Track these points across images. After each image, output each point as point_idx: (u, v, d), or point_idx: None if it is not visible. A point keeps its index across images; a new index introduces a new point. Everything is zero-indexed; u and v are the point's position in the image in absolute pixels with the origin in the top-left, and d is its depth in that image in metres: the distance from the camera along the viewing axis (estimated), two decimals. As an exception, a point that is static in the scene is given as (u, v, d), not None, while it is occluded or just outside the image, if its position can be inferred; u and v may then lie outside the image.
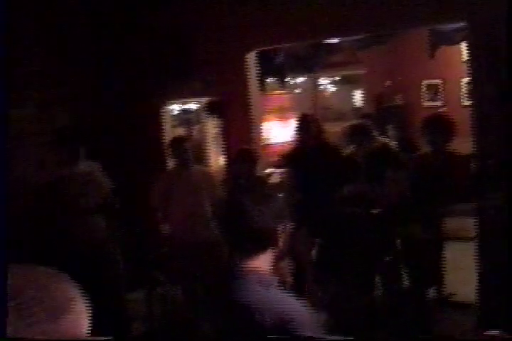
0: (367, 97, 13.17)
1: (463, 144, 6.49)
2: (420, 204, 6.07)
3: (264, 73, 9.41)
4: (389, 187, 6.42)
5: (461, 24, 6.74)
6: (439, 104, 12.68)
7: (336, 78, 12.86)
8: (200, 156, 9.62)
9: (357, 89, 13.38)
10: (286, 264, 3.29)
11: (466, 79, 10.11)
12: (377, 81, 13.11)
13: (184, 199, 6.86)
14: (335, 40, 9.41)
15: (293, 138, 7.62)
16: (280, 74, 10.03)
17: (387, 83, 13.18)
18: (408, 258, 6.30)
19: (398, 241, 6.32)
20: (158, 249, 7.20)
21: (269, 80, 10.30)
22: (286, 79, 10.78)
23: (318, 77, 12.48)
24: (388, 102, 13.02)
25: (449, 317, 6.83)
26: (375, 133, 7.60)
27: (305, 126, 7.15)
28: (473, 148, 6.14)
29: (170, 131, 9.00)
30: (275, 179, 9.55)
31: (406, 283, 6.52)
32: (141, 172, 8.16)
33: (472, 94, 6.42)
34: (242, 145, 7.24)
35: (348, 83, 13.30)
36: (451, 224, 7.03)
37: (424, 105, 12.83)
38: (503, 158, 5.48)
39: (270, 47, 8.74)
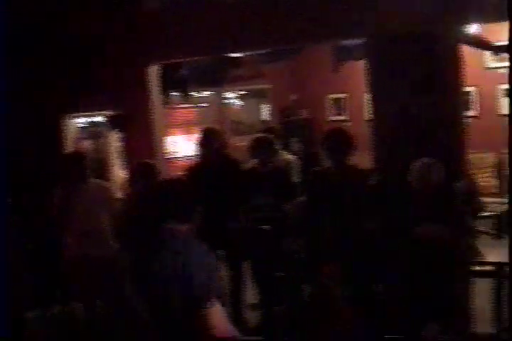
0: (273, 111, 13.22)
1: (365, 158, 6.57)
2: (320, 216, 6.10)
3: (168, 87, 9.34)
4: (291, 201, 6.46)
5: (364, 40, 6.84)
6: (343, 118, 12.83)
7: (243, 92, 12.86)
8: (102, 170, 9.48)
9: (263, 103, 13.41)
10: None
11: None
12: (284, 95, 13.19)
13: (80, 214, 6.77)
14: (240, 54, 9.41)
15: (197, 152, 7.57)
16: (185, 88, 9.99)
17: (293, 97, 13.26)
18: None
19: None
20: (56, 265, 7.05)
21: (173, 94, 10.23)
22: (192, 93, 10.74)
23: (224, 91, 12.45)
24: (294, 116, 13.10)
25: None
26: (278, 146, 7.61)
27: (207, 139, 7.10)
28: (374, 162, 6.24)
29: (75, 144, 8.86)
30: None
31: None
32: (43, 185, 7.98)
33: (372, 108, 6.51)
34: (143, 159, 7.14)
35: (254, 97, 13.32)
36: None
37: (329, 119, 12.97)
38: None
39: (174, 61, 8.69)
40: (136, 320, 3.99)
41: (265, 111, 13.42)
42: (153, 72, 8.17)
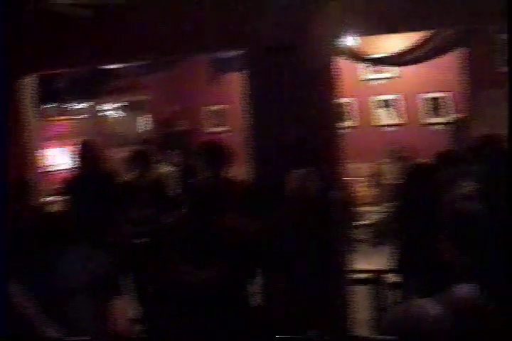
0: (152, 123, 13.12)
1: (245, 168, 6.60)
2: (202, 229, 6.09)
3: (42, 99, 9.14)
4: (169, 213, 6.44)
5: (242, 52, 6.87)
6: (222, 129, 12.87)
7: (120, 104, 12.71)
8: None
9: (142, 114, 13.29)
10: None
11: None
12: (162, 106, 13.12)
13: None
14: (116, 66, 9.30)
15: (73, 165, 7.44)
16: (60, 99, 9.78)
17: (172, 108, 13.21)
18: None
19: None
20: None
21: (49, 106, 10.01)
22: (67, 105, 10.54)
23: (102, 103, 12.26)
24: (173, 127, 13.04)
25: None
26: (155, 158, 7.56)
27: (84, 152, 7.00)
28: (252, 173, 6.27)
29: None
30: (57, 207, 9.26)
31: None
32: None
33: (249, 119, 6.54)
34: (18, 173, 6.94)
35: (132, 109, 13.18)
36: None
37: (207, 131, 12.98)
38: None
39: (49, 72, 8.50)
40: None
41: (144, 123, 13.30)
42: (27, 83, 7.95)
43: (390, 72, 11.56)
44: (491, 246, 1.61)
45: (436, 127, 11.30)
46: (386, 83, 11.72)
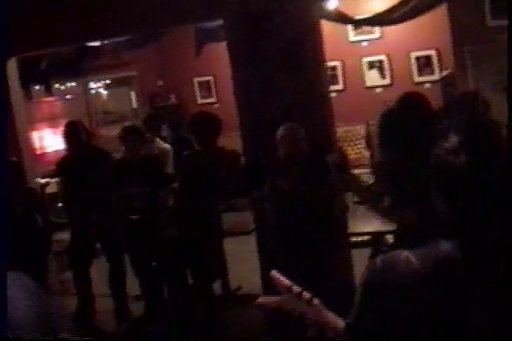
0: (141, 98, 13.04)
1: (235, 139, 6.57)
2: (193, 201, 6.08)
3: (29, 80, 9.06)
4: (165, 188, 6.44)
5: (225, 20, 6.78)
6: (212, 100, 12.82)
7: (108, 81, 12.61)
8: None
9: (130, 90, 13.21)
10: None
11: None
12: (150, 81, 13.04)
13: None
14: (99, 43, 9.20)
15: (64, 146, 7.40)
16: (46, 80, 9.68)
17: (160, 83, 13.14)
18: (186, 257, 6.27)
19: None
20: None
21: (36, 87, 9.93)
22: (55, 86, 10.45)
23: (88, 82, 12.17)
24: (162, 102, 12.98)
25: (238, 310, 6.93)
26: (148, 134, 7.51)
27: (72, 133, 6.96)
28: (243, 143, 6.23)
29: None
30: (52, 189, 9.26)
31: (190, 281, 6.51)
32: None
33: (236, 90, 6.48)
34: (9, 156, 6.89)
35: (120, 85, 13.09)
36: (230, 218, 7.13)
37: (198, 103, 12.93)
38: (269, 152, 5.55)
39: (32, 53, 8.40)
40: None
41: (133, 99, 13.22)
42: (12, 65, 7.87)
43: (379, 32, 11.48)
44: (480, 201, 1.60)
45: (429, 85, 11.25)
46: (375, 44, 11.64)
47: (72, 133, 6.99)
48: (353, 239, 6.25)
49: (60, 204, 8.41)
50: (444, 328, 1.64)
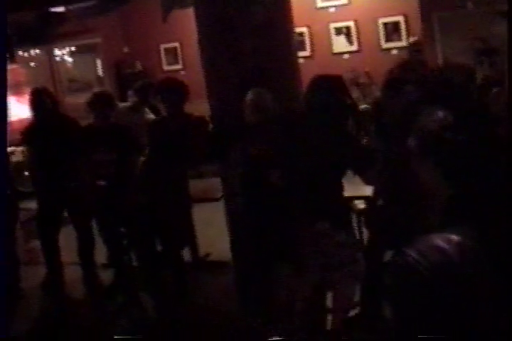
0: (106, 65, 12.90)
1: (202, 106, 6.53)
2: (161, 168, 6.05)
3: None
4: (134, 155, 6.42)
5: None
6: (178, 67, 12.72)
7: (72, 48, 12.44)
8: None
9: (96, 58, 13.05)
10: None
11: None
12: (115, 48, 12.89)
13: None
14: (63, 9, 9.06)
15: (29, 114, 7.31)
16: (10, 47, 9.53)
17: (125, 50, 12.99)
18: (155, 223, 6.25)
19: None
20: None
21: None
22: (18, 53, 10.30)
23: (53, 49, 12.00)
24: (128, 69, 12.86)
25: (207, 276, 6.96)
26: (116, 100, 7.45)
27: (37, 100, 6.88)
28: (211, 110, 6.19)
29: None
30: (17, 157, 9.18)
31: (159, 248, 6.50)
32: None
33: (203, 56, 6.42)
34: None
35: (85, 52, 12.93)
36: (199, 185, 7.12)
37: (164, 69, 12.83)
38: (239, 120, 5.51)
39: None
40: None
41: (98, 67, 13.08)
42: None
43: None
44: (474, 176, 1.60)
45: (396, 51, 11.24)
46: (342, 9, 11.59)
47: (37, 101, 6.90)
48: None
49: (26, 173, 8.33)
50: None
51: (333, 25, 11.69)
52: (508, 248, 1.68)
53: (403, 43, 11.13)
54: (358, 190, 5.81)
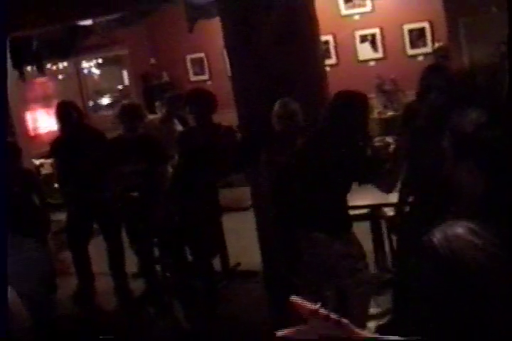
0: (133, 77, 12.99)
1: (230, 115, 6.57)
2: (190, 178, 6.08)
3: (21, 60, 9.01)
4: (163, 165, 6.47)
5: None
6: (205, 77, 12.78)
7: (99, 61, 12.56)
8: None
9: (122, 69, 13.16)
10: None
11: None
12: (142, 60, 12.98)
13: None
14: (90, 22, 9.14)
15: (56, 127, 7.40)
16: (38, 60, 9.63)
17: (152, 61, 13.08)
18: (185, 233, 6.28)
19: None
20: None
21: (28, 68, 9.89)
22: (47, 66, 10.40)
23: (80, 61, 12.12)
24: (155, 80, 12.95)
25: (238, 286, 6.97)
26: (145, 112, 7.52)
27: (64, 113, 6.97)
28: (238, 119, 6.23)
29: None
30: (46, 170, 9.26)
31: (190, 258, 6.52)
32: None
33: (230, 66, 6.46)
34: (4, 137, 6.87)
35: (112, 64, 13.05)
36: (228, 194, 7.14)
37: (191, 79, 12.89)
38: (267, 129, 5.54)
39: (23, 33, 8.35)
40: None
41: (125, 78, 13.18)
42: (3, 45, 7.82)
43: (370, 5, 11.45)
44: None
45: (421, 58, 11.21)
46: (367, 17, 11.58)
47: (63, 114, 6.99)
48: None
49: (56, 185, 8.40)
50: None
51: (358, 33, 11.69)
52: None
53: (428, 49, 11.11)
54: (385, 197, 5.81)
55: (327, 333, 1.71)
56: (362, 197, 5.90)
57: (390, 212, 6.21)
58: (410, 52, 11.48)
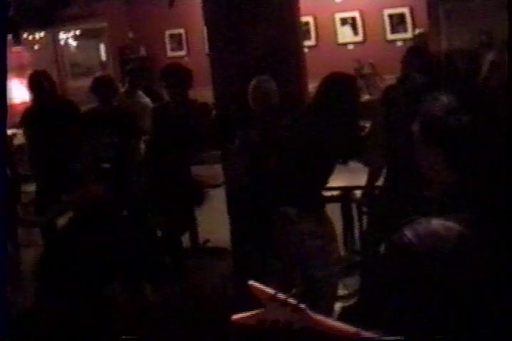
0: (110, 51, 12.88)
1: (206, 92, 6.53)
2: (163, 154, 6.06)
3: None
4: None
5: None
6: (183, 53, 12.70)
7: (77, 32, 12.42)
8: None
9: (100, 42, 13.03)
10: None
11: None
12: (120, 33, 12.86)
13: None
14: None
15: (29, 97, 7.32)
16: (14, 29, 9.51)
17: (130, 35, 12.97)
18: (156, 209, 6.27)
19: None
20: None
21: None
22: (23, 35, 10.28)
23: (58, 32, 11.97)
24: (132, 54, 12.84)
25: (206, 263, 6.97)
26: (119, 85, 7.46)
27: (36, 83, 6.87)
28: (214, 96, 6.19)
29: None
30: (19, 140, 9.16)
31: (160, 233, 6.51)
32: None
33: (210, 42, 6.42)
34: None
35: (90, 37, 12.91)
36: (200, 172, 7.12)
37: (168, 55, 12.81)
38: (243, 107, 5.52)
39: None
40: None
41: (102, 52, 13.06)
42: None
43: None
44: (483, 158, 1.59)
45: (401, 43, 11.22)
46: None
47: (35, 83, 6.90)
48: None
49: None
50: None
51: (338, 16, 11.66)
52: (509, 237, 1.69)
53: (408, 35, 11.11)
54: (356, 179, 5.83)
55: (283, 319, 1.71)
56: (334, 179, 5.90)
57: (359, 194, 6.24)
58: (390, 37, 11.48)
